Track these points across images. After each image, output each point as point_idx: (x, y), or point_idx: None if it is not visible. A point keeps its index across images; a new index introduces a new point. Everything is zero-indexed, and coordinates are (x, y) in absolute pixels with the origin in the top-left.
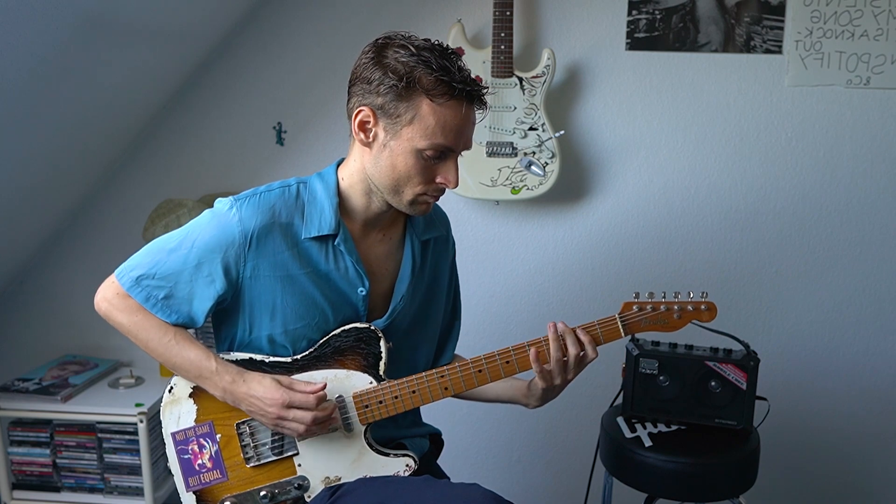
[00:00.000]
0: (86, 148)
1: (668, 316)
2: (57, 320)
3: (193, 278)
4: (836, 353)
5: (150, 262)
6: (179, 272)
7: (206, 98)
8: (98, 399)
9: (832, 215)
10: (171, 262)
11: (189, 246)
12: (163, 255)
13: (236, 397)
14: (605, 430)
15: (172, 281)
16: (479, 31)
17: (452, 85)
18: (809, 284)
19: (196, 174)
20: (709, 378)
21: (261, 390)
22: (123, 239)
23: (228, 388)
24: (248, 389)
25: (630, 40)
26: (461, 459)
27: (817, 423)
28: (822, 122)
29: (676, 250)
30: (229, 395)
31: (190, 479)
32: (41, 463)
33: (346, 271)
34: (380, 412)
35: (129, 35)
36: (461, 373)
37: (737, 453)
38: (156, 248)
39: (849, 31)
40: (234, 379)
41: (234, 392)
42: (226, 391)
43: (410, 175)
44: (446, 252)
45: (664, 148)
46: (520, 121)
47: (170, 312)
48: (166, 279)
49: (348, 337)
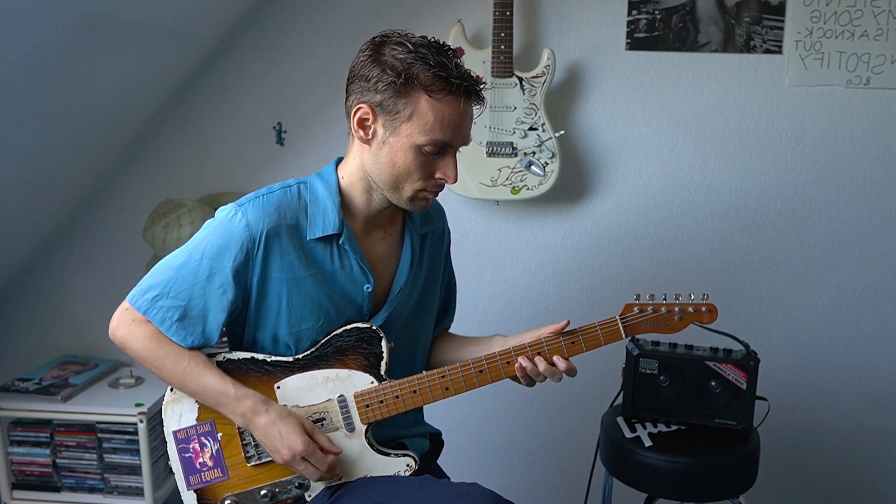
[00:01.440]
0: (86, 147)
1: (668, 318)
2: (57, 320)
3: (206, 291)
4: (836, 353)
5: (161, 281)
6: (192, 286)
7: (206, 97)
8: (98, 399)
9: (832, 215)
10: (182, 277)
11: (198, 258)
12: (172, 272)
13: (254, 425)
14: (605, 430)
15: (186, 297)
16: (479, 31)
17: (450, 80)
18: (809, 284)
19: (196, 174)
20: (709, 378)
21: (284, 429)
22: (123, 239)
23: (249, 415)
24: (273, 420)
25: (630, 40)
26: (461, 459)
27: (817, 422)
28: (822, 122)
29: (676, 250)
30: (249, 421)
31: (191, 477)
32: (41, 463)
33: (350, 270)
34: (381, 412)
35: (130, 34)
36: (462, 373)
37: (737, 453)
38: (165, 268)
39: (849, 31)
40: (255, 407)
41: (253, 420)
42: (245, 417)
43: (410, 171)
44: (441, 244)
45: (664, 148)
46: (520, 121)
47: (185, 335)
48: (180, 296)
49: (350, 337)
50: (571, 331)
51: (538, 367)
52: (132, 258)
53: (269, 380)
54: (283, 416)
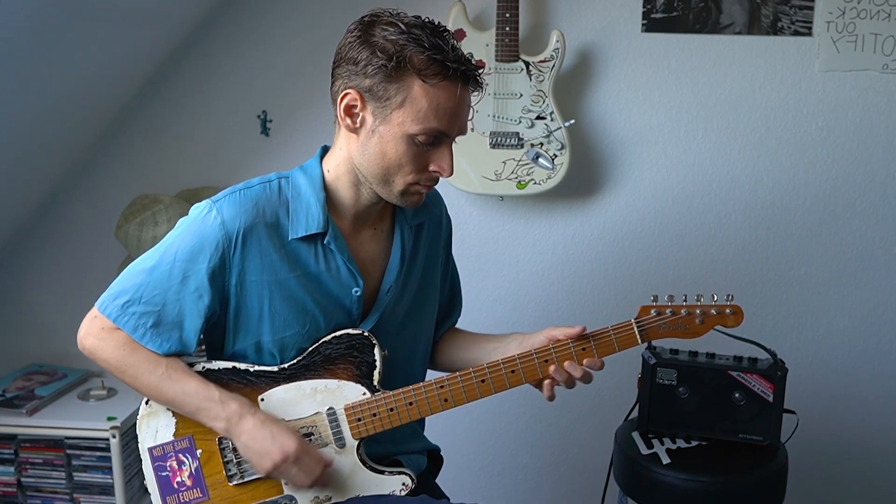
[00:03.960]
0: (54, 140)
1: (689, 321)
2: (22, 326)
3: (181, 295)
4: (871, 362)
5: (132, 285)
6: (165, 290)
7: (184, 85)
8: (67, 412)
9: (867, 212)
10: (154, 281)
11: (171, 260)
12: (144, 275)
13: (240, 429)
14: (619, 446)
15: (160, 302)
16: (481, 12)
17: (446, 64)
18: (842, 287)
19: (173, 167)
20: (732, 389)
21: (276, 429)
22: (94, 238)
23: (234, 419)
24: (259, 423)
25: (646, 21)
26: (461, 478)
27: (850, 437)
28: (856, 110)
29: (696, 250)
30: (233, 426)
31: (168, 498)
32: (5, 482)
33: (337, 272)
34: (374, 426)
35: (101, 16)
36: (462, 383)
37: (763, 471)
38: (136, 271)
39: (885, 12)
40: (240, 410)
41: (239, 425)
42: (230, 422)
43: (401, 163)
44: (439, 233)
45: (683, 139)
46: (526, 109)
47: (160, 342)
48: (152, 301)
49: (339, 344)
50: (582, 336)
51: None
52: (104, 258)
53: (251, 391)
54: (274, 419)
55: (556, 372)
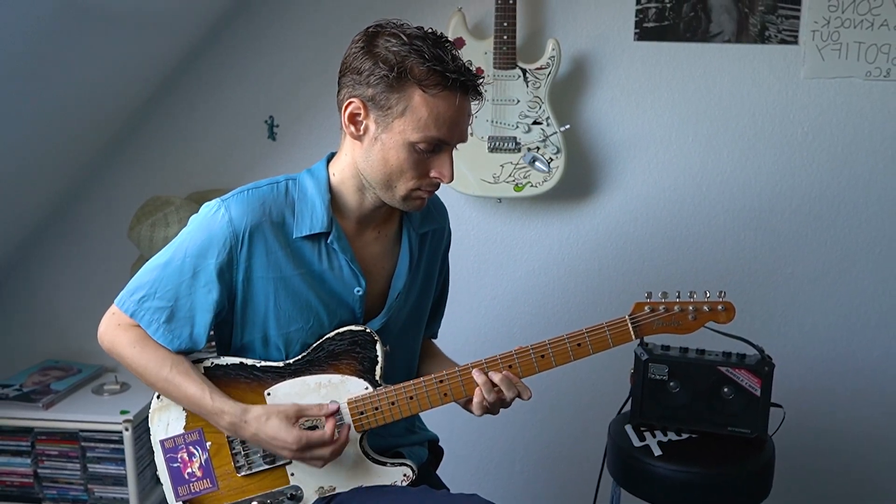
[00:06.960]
0: (68, 143)
1: (682, 317)
2: (38, 323)
3: (192, 290)
4: (855, 358)
5: (147, 281)
6: (178, 285)
7: (194, 90)
8: (81, 406)
9: (850, 213)
10: (167, 276)
11: (182, 256)
12: (158, 271)
13: (242, 438)
14: (612, 439)
15: (173, 297)
16: (480, 21)
17: (446, 75)
18: (827, 286)
19: (184, 170)
20: (721, 384)
21: (271, 432)
22: (108, 238)
23: (232, 430)
24: (256, 432)
25: (639, 30)
26: (461, 469)
27: (835, 430)
28: (840, 116)
29: (687, 250)
30: (235, 434)
31: (179, 488)
32: (22, 473)
33: (340, 271)
34: (376, 419)
35: (115, 23)
36: (461, 378)
37: (751, 463)
38: (150, 268)
39: (868, 21)
40: (234, 422)
41: (239, 435)
42: (231, 431)
43: (403, 169)
44: (441, 244)
45: (674, 143)
46: (523, 114)
47: (172, 338)
48: (166, 295)
49: (343, 340)
50: (577, 331)
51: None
52: (117, 258)
53: (258, 386)
54: (263, 423)
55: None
